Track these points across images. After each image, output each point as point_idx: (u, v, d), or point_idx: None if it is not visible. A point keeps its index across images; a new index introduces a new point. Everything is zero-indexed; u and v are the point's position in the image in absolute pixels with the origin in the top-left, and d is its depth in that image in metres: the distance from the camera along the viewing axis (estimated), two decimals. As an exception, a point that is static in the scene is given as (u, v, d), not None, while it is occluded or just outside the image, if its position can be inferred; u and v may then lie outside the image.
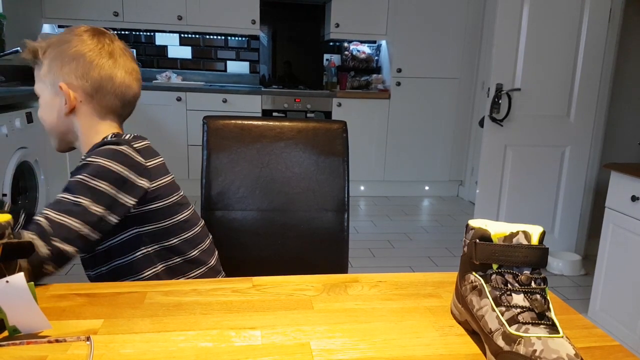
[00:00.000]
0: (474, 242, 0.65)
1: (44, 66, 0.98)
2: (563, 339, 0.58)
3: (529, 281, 0.62)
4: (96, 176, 0.88)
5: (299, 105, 4.10)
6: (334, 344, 0.67)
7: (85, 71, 0.96)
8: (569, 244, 3.08)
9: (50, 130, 1.03)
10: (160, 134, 3.87)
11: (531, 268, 0.63)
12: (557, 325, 0.60)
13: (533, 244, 0.63)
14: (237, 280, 0.87)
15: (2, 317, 0.63)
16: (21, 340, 0.63)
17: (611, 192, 2.10)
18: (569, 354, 0.55)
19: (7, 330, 0.64)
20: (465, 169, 4.52)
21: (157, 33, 4.41)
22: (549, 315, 0.61)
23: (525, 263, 0.62)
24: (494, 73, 2.84)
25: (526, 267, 0.63)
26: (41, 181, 2.46)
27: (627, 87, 3.05)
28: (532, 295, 0.61)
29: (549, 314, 0.61)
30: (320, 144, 1.31)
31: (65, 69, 0.96)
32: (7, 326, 0.64)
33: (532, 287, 0.62)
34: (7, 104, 2.24)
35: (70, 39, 0.97)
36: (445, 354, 0.66)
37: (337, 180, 1.30)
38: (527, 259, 0.62)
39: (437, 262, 3.00)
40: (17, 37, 3.47)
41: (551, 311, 0.62)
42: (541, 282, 0.63)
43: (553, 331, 0.59)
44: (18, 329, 0.64)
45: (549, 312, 0.61)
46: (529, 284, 0.62)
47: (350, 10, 4.23)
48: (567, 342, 0.57)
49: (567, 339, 0.58)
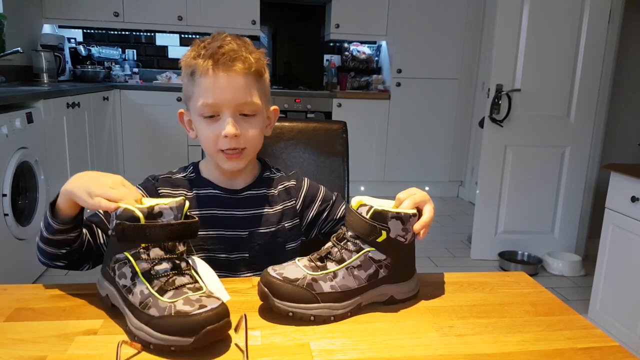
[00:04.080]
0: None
1: (266, 82, 0.95)
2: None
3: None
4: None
5: (299, 106, 4.10)
6: (333, 344, 0.67)
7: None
8: (569, 244, 3.08)
9: (257, 149, 0.98)
10: (160, 134, 3.86)
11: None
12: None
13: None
14: (237, 281, 0.87)
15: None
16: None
17: (611, 192, 2.10)
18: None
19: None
20: (465, 170, 4.52)
21: (157, 33, 4.41)
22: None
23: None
24: (494, 73, 2.84)
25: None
26: (41, 181, 2.46)
27: (627, 87, 3.05)
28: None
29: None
30: (321, 144, 1.31)
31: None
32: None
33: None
34: (8, 104, 2.24)
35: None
36: (445, 354, 0.66)
37: (337, 181, 1.30)
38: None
39: (437, 263, 3.00)
40: (18, 37, 3.47)
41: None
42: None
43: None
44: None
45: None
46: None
47: (351, 10, 4.23)
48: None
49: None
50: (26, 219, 2.36)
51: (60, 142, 2.82)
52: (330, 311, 0.73)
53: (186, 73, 0.92)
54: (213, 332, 0.62)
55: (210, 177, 0.98)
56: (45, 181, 2.49)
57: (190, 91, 0.91)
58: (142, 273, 0.67)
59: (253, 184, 1.00)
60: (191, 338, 0.61)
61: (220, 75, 0.87)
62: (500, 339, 0.70)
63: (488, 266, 2.99)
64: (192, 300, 0.64)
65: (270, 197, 1.00)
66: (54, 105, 2.70)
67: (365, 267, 0.76)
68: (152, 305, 0.64)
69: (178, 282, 0.67)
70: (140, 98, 3.87)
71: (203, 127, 0.91)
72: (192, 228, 0.70)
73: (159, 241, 0.67)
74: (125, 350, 0.61)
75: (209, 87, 0.88)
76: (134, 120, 3.88)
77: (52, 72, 3.69)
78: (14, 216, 2.19)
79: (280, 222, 0.99)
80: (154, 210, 0.67)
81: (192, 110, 0.93)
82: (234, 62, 0.87)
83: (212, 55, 0.87)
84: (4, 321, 0.70)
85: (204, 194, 0.97)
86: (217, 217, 0.96)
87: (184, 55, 0.93)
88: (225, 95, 0.88)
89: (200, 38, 0.93)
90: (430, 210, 0.82)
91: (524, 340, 0.70)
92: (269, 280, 0.72)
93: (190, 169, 1.00)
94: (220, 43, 0.88)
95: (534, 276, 2.81)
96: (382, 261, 0.77)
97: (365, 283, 0.76)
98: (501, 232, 3.04)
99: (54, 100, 2.69)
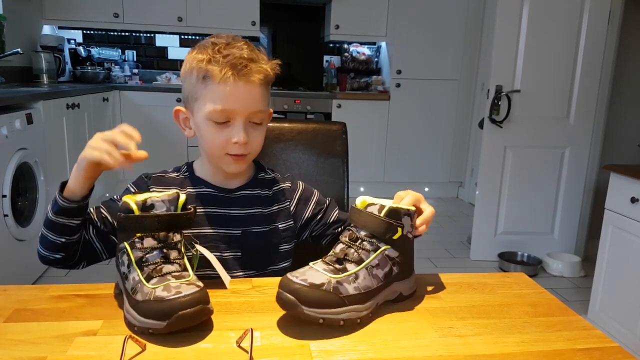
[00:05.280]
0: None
1: (269, 86, 0.96)
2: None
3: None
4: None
5: (299, 107, 4.10)
6: (333, 345, 0.67)
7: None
8: (569, 245, 3.08)
9: (258, 153, 0.99)
10: (160, 135, 3.86)
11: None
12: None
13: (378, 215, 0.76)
14: (236, 282, 0.87)
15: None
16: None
17: (611, 193, 2.10)
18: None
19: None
20: (465, 171, 4.52)
21: (157, 34, 4.41)
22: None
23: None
24: (494, 74, 2.85)
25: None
26: (41, 182, 2.46)
27: (626, 88, 3.05)
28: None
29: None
30: (320, 145, 1.31)
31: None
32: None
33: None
34: (7, 105, 2.24)
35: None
36: (444, 355, 0.66)
37: (336, 182, 1.30)
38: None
39: (437, 264, 3.00)
40: (17, 38, 3.47)
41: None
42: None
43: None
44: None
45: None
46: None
47: (350, 11, 4.23)
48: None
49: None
50: (26, 219, 2.36)
51: (60, 143, 2.82)
52: (357, 313, 0.72)
53: (195, 75, 0.90)
54: (185, 317, 0.65)
55: (205, 176, 0.99)
56: (45, 182, 2.48)
57: (198, 94, 0.91)
58: (136, 261, 0.72)
59: (247, 184, 1.01)
60: (164, 322, 0.65)
61: (240, 84, 0.88)
62: (499, 340, 0.70)
63: (488, 267, 2.99)
64: (172, 286, 0.68)
65: (264, 198, 1.01)
66: (54, 106, 2.70)
67: (382, 266, 0.76)
68: (138, 291, 0.69)
69: (165, 270, 0.71)
70: (140, 99, 3.88)
71: (211, 131, 0.91)
72: (183, 219, 0.75)
73: (150, 231, 0.73)
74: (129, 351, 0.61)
75: (226, 95, 0.88)
76: (134, 121, 3.87)
77: (51, 73, 3.69)
78: (14, 217, 2.19)
79: (274, 222, 1.00)
80: (146, 202, 0.73)
81: (196, 112, 0.93)
82: (254, 73, 0.88)
83: (231, 63, 0.87)
84: (4, 322, 0.70)
85: (198, 192, 0.98)
86: (210, 215, 0.97)
87: (191, 57, 0.92)
88: (241, 104, 0.89)
89: (205, 40, 0.93)
90: (430, 207, 0.85)
91: (523, 341, 0.70)
92: (295, 287, 0.69)
93: (184, 169, 1.01)
94: (239, 52, 0.88)
95: (534, 277, 2.81)
96: (395, 258, 0.78)
97: (382, 282, 0.76)
98: (501, 233, 3.04)
99: (53, 101, 2.69)
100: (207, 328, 0.69)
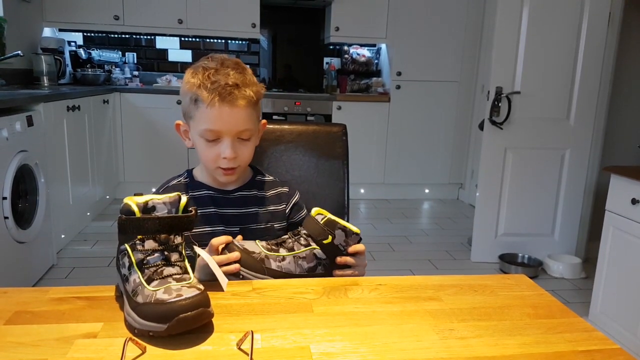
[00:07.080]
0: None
1: (259, 105, 1.06)
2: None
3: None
4: None
5: (299, 109, 4.10)
6: (333, 347, 0.67)
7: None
8: (569, 246, 3.08)
9: (249, 163, 1.08)
10: (160, 137, 3.87)
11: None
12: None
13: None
14: (236, 284, 0.87)
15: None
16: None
17: (611, 195, 2.10)
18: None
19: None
20: (465, 172, 4.52)
21: (157, 37, 4.41)
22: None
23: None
24: (494, 76, 2.85)
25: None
26: (41, 184, 2.46)
27: (626, 89, 3.05)
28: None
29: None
30: (320, 147, 1.31)
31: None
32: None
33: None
34: (8, 107, 2.24)
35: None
36: (445, 357, 0.66)
37: (337, 183, 1.30)
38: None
39: (438, 265, 2.99)
40: (18, 40, 3.47)
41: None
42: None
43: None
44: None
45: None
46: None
47: (350, 13, 4.23)
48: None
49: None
50: (26, 222, 2.35)
51: (61, 145, 2.82)
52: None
53: (189, 97, 1.00)
54: (185, 320, 0.65)
55: (205, 180, 1.09)
56: (45, 184, 2.49)
57: (192, 113, 1.01)
58: (137, 263, 0.72)
59: (244, 186, 1.10)
60: (165, 325, 0.65)
61: (225, 108, 0.98)
62: (500, 342, 0.70)
63: (488, 269, 2.99)
64: (173, 289, 0.68)
65: (260, 198, 1.10)
66: (54, 109, 2.71)
67: (309, 260, 0.93)
68: (139, 293, 0.70)
69: (166, 272, 0.72)
70: (140, 101, 3.88)
71: (204, 147, 1.02)
72: (184, 222, 0.76)
73: (150, 233, 0.73)
74: (129, 354, 0.61)
75: (214, 117, 0.98)
76: (134, 123, 3.88)
77: (52, 76, 3.70)
78: (14, 219, 2.19)
79: (270, 222, 1.09)
80: (148, 204, 0.73)
81: (192, 128, 1.04)
82: (238, 99, 0.98)
83: (218, 91, 0.97)
84: (4, 324, 0.70)
85: (199, 195, 1.07)
86: (210, 215, 1.06)
87: (186, 79, 1.01)
88: (227, 125, 0.99)
89: (199, 62, 1.03)
90: (363, 247, 0.97)
91: (524, 343, 0.70)
92: (232, 248, 0.90)
93: (184, 175, 1.11)
94: (225, 79, 0.98)
95: (534, 279, 2.81)
96: (323, 260, 0.94)
97: (305, 273, 0.92)
98: (501, 235, 3.04)
99: (54, 104, 2.70)
100: (207, 330, 0.69)
